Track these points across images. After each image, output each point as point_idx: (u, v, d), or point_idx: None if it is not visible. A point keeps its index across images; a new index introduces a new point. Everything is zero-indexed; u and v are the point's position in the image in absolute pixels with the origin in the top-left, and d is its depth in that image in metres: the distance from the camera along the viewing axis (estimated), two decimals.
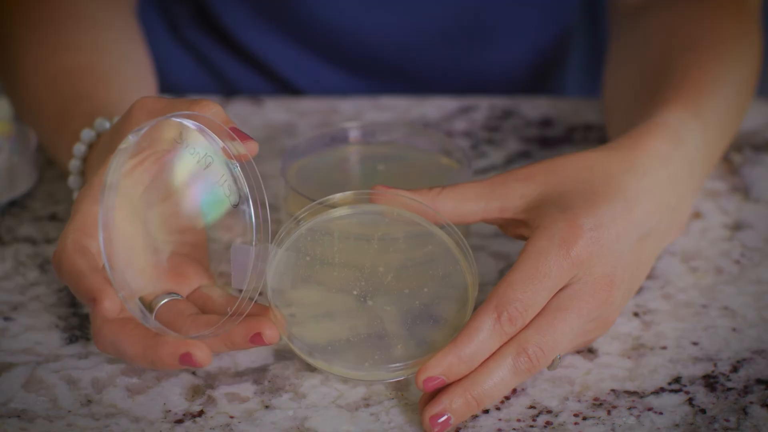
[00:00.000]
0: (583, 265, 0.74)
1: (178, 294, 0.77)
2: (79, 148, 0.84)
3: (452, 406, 0.73)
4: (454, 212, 0.78)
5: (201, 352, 0.73)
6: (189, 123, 0.74)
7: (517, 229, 0.79)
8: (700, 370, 0.79)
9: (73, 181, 0.85)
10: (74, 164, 0.85)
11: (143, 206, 0.76)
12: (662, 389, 0.77)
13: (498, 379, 0.73)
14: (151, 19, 1.15)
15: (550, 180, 0.78)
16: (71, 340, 0.80)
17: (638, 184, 0.78)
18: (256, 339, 0.75)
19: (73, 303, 0.83)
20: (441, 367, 0.72)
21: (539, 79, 1.17)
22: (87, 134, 0.84)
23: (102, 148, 0.81)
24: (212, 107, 0.76)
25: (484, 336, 0.72)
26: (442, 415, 0.73)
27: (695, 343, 0.81)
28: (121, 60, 0.95)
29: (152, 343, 0.73)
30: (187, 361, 0.73)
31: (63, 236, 0.74)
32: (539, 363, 0.74)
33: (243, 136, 0.75)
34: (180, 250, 0.79)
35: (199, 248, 0.80)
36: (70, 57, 0.93)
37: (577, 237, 0.75)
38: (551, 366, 0.76)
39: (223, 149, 0.75)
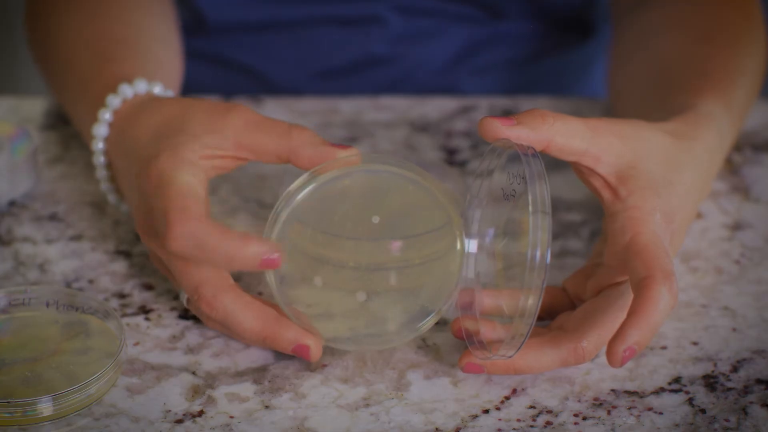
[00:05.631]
0: None
1: None
2: (104, 114, 0.86)
3: (491, 366, 0.76)
4: (562, 147, 0.77)
5: (317, 349, 0.77)
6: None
7: (600, 188, 0.79)
8: (700, 370, 0.79)
9: (96, 144, 0.87)
10: (99, 129, 0.87)
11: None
12: (662, 389, 0.77)
13: (545, 363, 0.76)
14: None
15: (639, 148, 0.79)
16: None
17: (693, 178, 0.80)
18: (301, 350, 0.77)
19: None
20: (634, 337, 0.73)
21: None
22: (112, 100, 0.86)
23: (154, 128, 0.83)
24: (307, 132, 0.80)
25: (664, 304, 0.73)
26: (481, 369, 0.76)
27: (695, 343, 0.81)
28: (154, 38, 0.98)
29: (274, 323, 0.77)
30: (302, 352, 0.77)
31: (174, 204, 0.76)
32: (588, 358, 0.76)
33: None
34: None
35: None
36: (106, 26, 0.96)
37: (667, 229, 0.78)
38: None
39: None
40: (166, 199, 0.76)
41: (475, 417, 0.75)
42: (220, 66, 1.17)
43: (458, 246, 0.77)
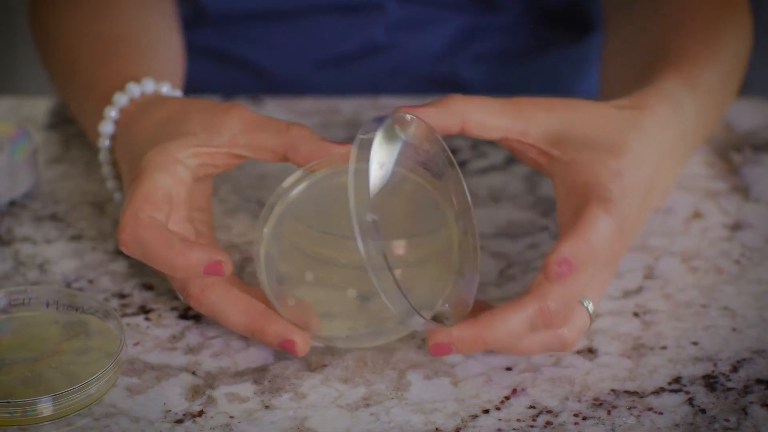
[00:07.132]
0: None
1: None
2: (110, 111, 0.87)
3: (459, 342, 0.74)
4: (482, 123, 0.77)
5: (303, 344, 0.77)
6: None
7: (536, 157, 0.78)
8: (700, 370, 0.79)
9: (102, 141, 0.87)
10: (105, 127, 0.87)
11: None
12: (662, 389, 0.77)
13: (513, 329, 0.74)
14: None
15: (570, 116, 0.78)
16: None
17: (641, 142, 0.79)
18: (287, 345, 0.77)
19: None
20: (566, 248, 0.71)
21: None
22: (120, 98, 0.87)
23: (154, 126, 0.83)
24: (305, 130, 0.80)
25: (603, 226, 0.72)
26: (448, 348, 0.74)
27: (695, 343, 0.81)
28: (156, 38, 0.98)
29: (261, 317, 0.77)
30: (288, 346, 0.77)
31: (131, 205, 0.77)
32: (559, 320, 0.74)
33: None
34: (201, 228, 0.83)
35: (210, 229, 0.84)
36: (110, 26, 0.97)
37: (613, 182, 0.75)
38: (592, 321, 0.77)
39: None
40: (129, 199, 0.78)
41: (475, 417, 0.75)
42: (220, 59, 1.17)
43: (455, 241, 0.77)
